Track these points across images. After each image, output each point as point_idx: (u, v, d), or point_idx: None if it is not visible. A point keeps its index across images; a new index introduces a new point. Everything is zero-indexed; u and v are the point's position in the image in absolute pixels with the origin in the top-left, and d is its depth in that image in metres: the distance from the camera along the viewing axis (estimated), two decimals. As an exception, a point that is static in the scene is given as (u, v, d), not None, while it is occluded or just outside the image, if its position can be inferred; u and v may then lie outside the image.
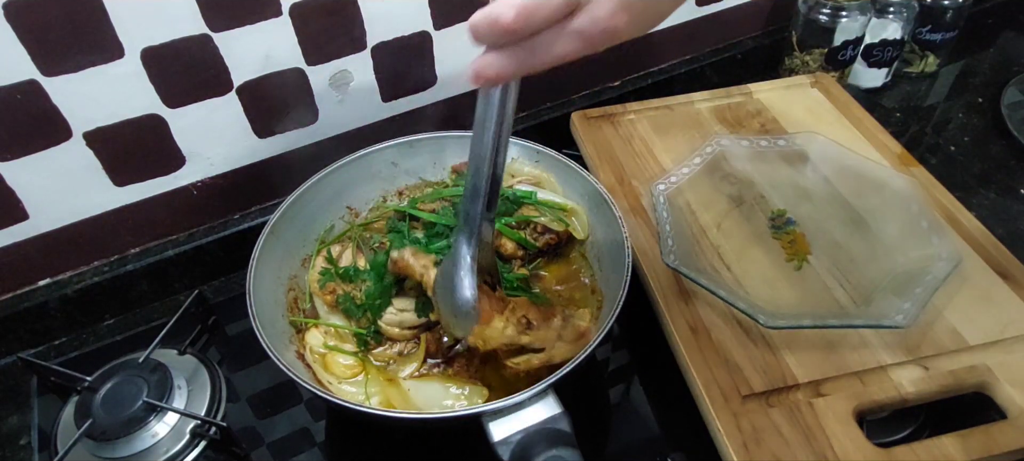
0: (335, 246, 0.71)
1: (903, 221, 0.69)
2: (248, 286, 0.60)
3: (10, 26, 0.58)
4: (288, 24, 0.68)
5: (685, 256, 0.66)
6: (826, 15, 0.90)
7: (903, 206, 0.70)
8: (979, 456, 0.53)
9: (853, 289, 0.65)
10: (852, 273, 0.67)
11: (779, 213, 0.73)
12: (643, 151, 0.81)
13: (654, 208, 0.71)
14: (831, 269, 0.67)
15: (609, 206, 0.65)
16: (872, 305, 0.63)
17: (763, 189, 0.76)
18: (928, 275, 0.63)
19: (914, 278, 0.63)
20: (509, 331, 0.55)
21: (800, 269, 0.68)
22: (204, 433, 0.63)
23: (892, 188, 0.72)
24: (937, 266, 0.64)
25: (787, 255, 0.69)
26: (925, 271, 0.64)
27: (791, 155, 0.79)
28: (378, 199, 0.77)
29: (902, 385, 0.57)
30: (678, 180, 0.74)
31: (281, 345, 0.60)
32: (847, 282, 0.66)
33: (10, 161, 0.64)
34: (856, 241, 0.70)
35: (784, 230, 0.71)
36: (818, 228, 0.71)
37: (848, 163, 0.76)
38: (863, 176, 0.74)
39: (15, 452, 0.65)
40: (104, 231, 0.73)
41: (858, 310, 0.63)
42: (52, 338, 0.75)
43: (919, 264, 0.65)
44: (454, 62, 0.81)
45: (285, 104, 0.74)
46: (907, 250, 0.67)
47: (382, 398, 0.61)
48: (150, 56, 0.64)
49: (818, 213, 0.73)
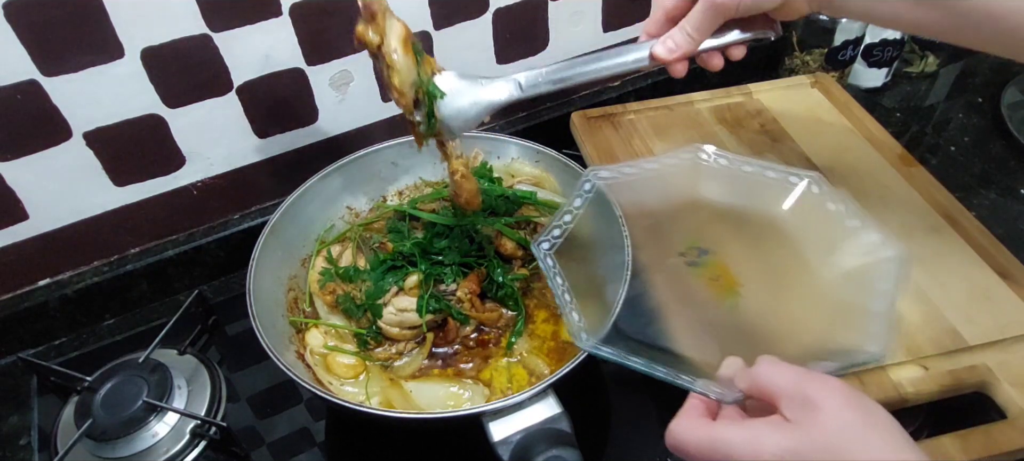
0: (335, 246, 0.71)
1: (824, 226, 0.61)
2: (248, 286, 0.60)
3: (10, 26, 0.58)
4: (288, 24, 0.68)
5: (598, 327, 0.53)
6: (826, 15, 0.90)
7: (818, 208, 0.62)
8: (979, 456, 0.53)
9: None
10: (787, 304, 0.58)
11: (690, 247, 0.63)
12: (643, 151, 0.81)
13: (544, 274, 0.58)
14: (769, 303, 0.59)
15: (611, 206, 0.65)
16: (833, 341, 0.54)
17: (660, 220, 0.65)
18: (877, 284, 0.55)
19: (862, 287, 0.56)
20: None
21: (735, 308, 0.58)
22: (204, 433, 0.63)
23: (797, 192, 0.64)
24: (884, 269, 0.56)
25: (715, 294, 0.60)
26: (871, 280, 0.56)
27: (677, 174, 0.68)
28: (378, 199, 0.77)
29: (902, 385, 0.57)
30: (563, 231, 0.60)
31: (281, 345, 0.60)
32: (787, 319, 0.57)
33: (10, 161, 0.64)
34: (783, 258, 0.61)
35: (700, 263, 0.62)
36: (739, 254, 0.62)
37: (744, 171, 0.66)
38: (762, 183, 0.65)
39: (15, 452, 0.65)
40: (104, 231, 0.73)
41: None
42: (52, 338, 0.75)
43: (860, 274, 0.57)
44: (454, 62, 0.80)
45: (285, 104, 0.74)
46: (841, 260, 0.59)
47: (383, 398, 0.61)
48: (150, 56, 0.64)
49: (732, 235, 0.63)
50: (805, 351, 0.51)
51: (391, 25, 0.53)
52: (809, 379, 0.39)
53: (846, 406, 0.37)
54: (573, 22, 0.85)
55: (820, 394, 0.37)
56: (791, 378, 0.39)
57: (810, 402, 0.37)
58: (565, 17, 0.84)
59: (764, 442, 0.37)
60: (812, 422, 0.37)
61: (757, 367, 0.41)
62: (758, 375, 0.40)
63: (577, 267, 0.58)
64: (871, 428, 0.37)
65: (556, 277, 0.56)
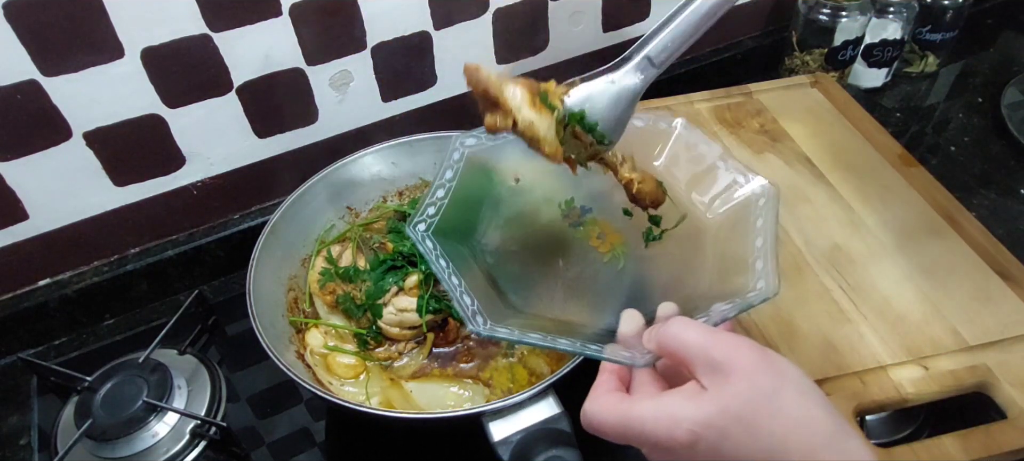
0: (335, 246, 0.71)
1: (697, 171, 0.59)
2: (248, 286, 0.60)
3: (10, 26, 0.58)
4: (288, 24, 0.68)
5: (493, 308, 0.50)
6: (826, 15, 0.90)
7: (690, 153, 0.60)
8: (979, 456, 0.53)
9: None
10: (675, 255, 0.57)
11: (570, 207, 0.61)
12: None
13: (424, 257, 0.53)
14: (657, 255, 0.57)
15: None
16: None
17: (535, 183, 0.61)
18: (754, 221, 0.53)
19: (742, 227, 0.54)
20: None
21: (624, 265, 0.57)
22: (204, 433, 0.63)
23: (669, 140, 0.60)
24: (757, 206, 0.54)
25: (602, 253, 0.58)
26: (747, 218, 0.54)
27: None
28: (378, 199, 0.77)
29: (902, 385, 0.57)
30: (438, 208, 0.55)
31: (281, 345, 0.60)
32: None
33: (10, 161, 0.64)
34: (664, 207, 0.58)
35: (583, 222, 0.59)
36: (619, 209, 0.59)
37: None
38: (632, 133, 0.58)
39: (15, 452, 0.65)
40: (104, 231, 0.73)
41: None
42: (52, 338, 0.75)
43: (737, 214, 0.56)
44: (454, 62, 0.81)
45: (285, 104, 0.74)
46: (717, 204, 0.57)
47: (383, 398, 0.61)
48: (150, 56, 0.64)
49: (610, 190, 0.59)
50: (701, 298, 0.51)
51: (512, 97, 0.49)
52: (717, 341, 0.37)
53: (756, 370, 0.36)
54: (573, 22, 0.85)
55: (730, 359, 0.36)
56: (700, 339, 0.38)
57: (720, 367, 0.36)
58: (565, 17, 0.84)
59: (678, 417, 0.36)
60: (723, 389, 0.36)
61: (666, 328, 0.39)
62: (666, 337, 0.39)
63: (456, 243, 0.55)
64: (781, 391, 0.36)
65: (439, 260, 0.51)
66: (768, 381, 0.36)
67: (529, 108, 0.49)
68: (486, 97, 0.49)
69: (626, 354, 0.42)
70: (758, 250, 0.51)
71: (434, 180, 0.55)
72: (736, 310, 0.45)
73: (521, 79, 0.50)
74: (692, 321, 0.40)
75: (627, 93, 0.51)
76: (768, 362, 0.37)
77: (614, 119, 0.51)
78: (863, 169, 0.77)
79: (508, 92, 0.49)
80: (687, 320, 0.40)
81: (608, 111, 0.51)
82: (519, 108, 0.49)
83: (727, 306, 0.46)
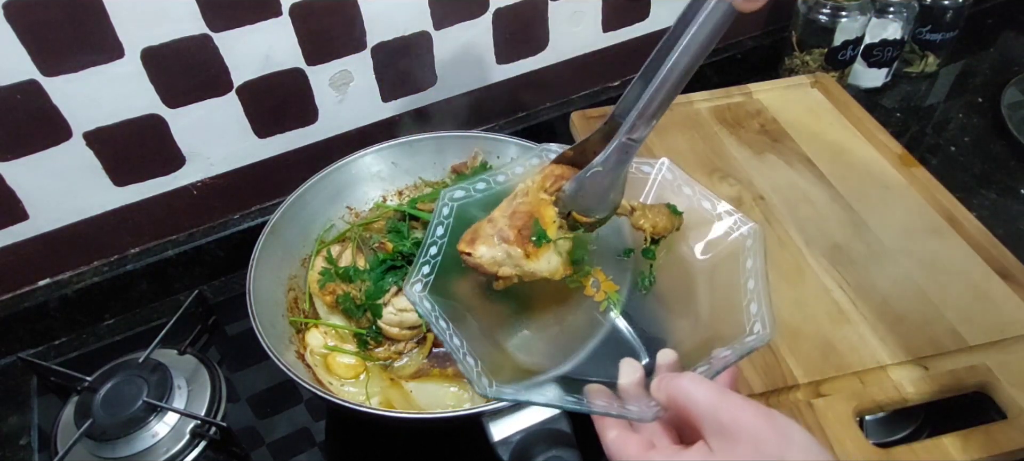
0: (335, 246, 0.71)
1: (685, 213, 0.58)
2: (248, 286, 0.60)
3: (10, 26, 0.58)
4: (288, 24, 0.68)
5: (496, 363, 0.51)
6: (826, 15, 0.90)
7: (677, 195, 0.59)
8: (979, 456, 0.53)
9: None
10: (669, 301, 0.56)
11: None
12: (642, 151, 0.80)
13: (424, 320, 0.52)
14: (651, 302, 0.56)
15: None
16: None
17: None
18: (745, 262, 0.53)
19: (733, 268, 0.54)
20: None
21: (618, 314, 0.56)
22: (204, 433, 0.63)
23: (654, 182, 0.60)
24: (745, 247, 0.54)
25: (596, 303, 0.57)
26: (737, 259, 0.54)
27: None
28: (378, 199, 0.77)
29: (902, 385, 0.57)
30: (433, 266, 0.54)
31: (281, 345, 0.60)
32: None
33: (10, 161, 0.64)
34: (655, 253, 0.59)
35: (577, 271, 0.57)
36: (609, 255, 0.59)
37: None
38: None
39: (15, 452, 0.65)
40: (104, 231, 0.73)
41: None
42: (52, 338, 0.75)
43: (727, 256, 0.55)
44: (454, 62, 0.81)
45: (285, 104, 0.74)
46: (706, 246, 0.57)
47: (383, 398, 0.61)
48: (150, 56, 0.64)
49: (600, 234, 0.59)
50: (699, 345, 0.51)
51: (508, 269, 0.52)
52: (724, 403, 0.38)
53: (761, 435, 0.37)
54: (573, 22, 0.85)
55: (736, 422, 0.37)
56: (708, 399, 0.39)
57: (726, 431, 0.37)
58: (565, 17, 0.84)
59: None
60: (729, 453, 0.37)
61: (676, 383, 0.41)
62: (676, 391, 0.40)
63: (454, 300, 0.54)
64: (786, 456, 0.36)
65: (439, 320, 0.50)
66: (774, 447, 0.36)
67: (528, 262, 0.52)
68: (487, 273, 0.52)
69: (635, 409, 0.43)
70: (751, 292, 0.51)
71: (425, 237, 0.55)
72: (737, 356, 0.46)
73: (508, 229, 0.52)
74: (701, 378, 0.41)
75: (616, 175, 0.52)
76: (774, 427, 0.37)
77: (609, 199, 0.53)
78: (863, 169, 0.77)
79: (503, 271, 0.52)
80: (696, 377, 0.41)
81: (602, 195, 0.53)
82: (517, 274, 0.52)
83: (728, 352, 0.47)
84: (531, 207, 0.54)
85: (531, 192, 0.55)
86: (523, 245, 0.52)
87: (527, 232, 0.52)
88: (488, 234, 0.53)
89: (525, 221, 0.53)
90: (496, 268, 0.52)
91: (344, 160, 0.72)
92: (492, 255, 0.52)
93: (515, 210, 0.54)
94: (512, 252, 0.52)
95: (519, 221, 0.53)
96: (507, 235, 0.52)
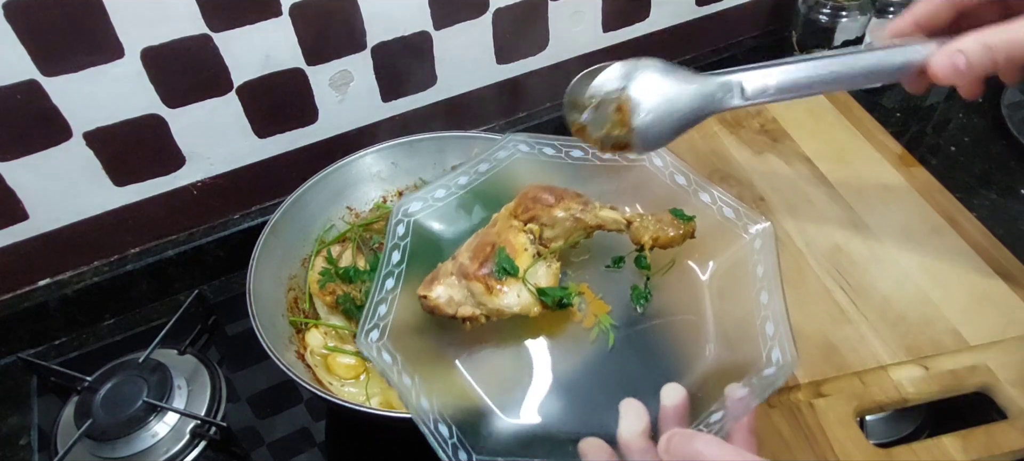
0: (335, 246, 0.71)
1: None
2: (248, 286, 0.60)
3: (10, 26, 0.58)
4: (288, 24, 0.68)
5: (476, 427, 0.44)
6: (826, 15, 0.90)
7: (667, 187, 0.52)
8: (979, 456, 0.53)
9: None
10: (669, 321, 0.49)
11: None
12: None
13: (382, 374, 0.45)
14: (648, 325, 0.48)
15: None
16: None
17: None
18: (755, 269, 0.46)
19: (742, 279, 0.46)
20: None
21: (611, 340, 0.48)
22: (204, 433, 0.63)
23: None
24: (755, 251, 0.46)
25: (585, 328, 0.49)
26: (746, 267, 0.47)
27: (501, 180, 0.54)
28: (378, 199, 0.77)
29: (902, 385, 0.57)
30: (390, 304, 0.46)
31: (281, 345, 0.60)
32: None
33: (10, 161, 0.64)
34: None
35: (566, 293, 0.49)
36: (596, 268, 0.51)
37: (573, 160, 0.53)
38: (590, 170, 0.51)
39: (15, 452, 0.65)
40: (104, 231, 0.73)
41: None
42: (52, 338, 0.75)
43: (734, 263, 0.48)
44: (454, 62, 0.81)
45: (285, 104, 0.74)
46: (708, 252, 0.49)
47: (383, 398, 0.61)
48: (150, 56, 0.64)
49: (582, 246, 0.52)
50: (710, 379, 0.43)
51: (472, 311, 0.46)
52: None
53: None
54: (573, 22, 0.85)
55: None
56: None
57: None
58: (565, 17, 0.84)
59: None
60: None
61: (686, 447, 0.36)
62: (686, 455, 0.36)
63: (418, 341, 0.45)
64: None
65: (402, 377, 0.41)
66: None
67: (491, 299, 0.45)
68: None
69: None
70: (764, 307, 0.44)
71: (380, 266, 0.46)
72: (756, 397, 0.40)
73: (470, 263, 0.44)
74: (717, 442, 0.36)
75: (696, 102, 0.43)
76: None
77: (662, 129, 0.43)
78: (863, 169, 0.77)
79: (462, 311, 0.45)
80: (712, 440, 0.36)
81: (662, 114, 0.43)
82: (482, 314, 0.45)
83: (745, 392, 0.40)
84: (497, 237, 0.47)
85: (500, 220, 0.48)
86: (485, 280, 0.45)
87: (490, 265, 0.45)
88: (448, 271, 0.46)
89: (488, 253, 0.46)
90: (454, 309, 0.45)
91: (344, 160, 0.72)
92: (449, 294, 0.45)
93: (480, 242, 0.47)
94: (473, 288, 0.45)
95: (482, 253, 0.46)
96: (467, 270, 0.45)
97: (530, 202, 0.47)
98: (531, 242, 0.47)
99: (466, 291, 0.45)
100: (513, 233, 0.47)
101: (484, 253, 0.45)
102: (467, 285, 0.45)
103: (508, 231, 0.47)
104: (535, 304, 0.46)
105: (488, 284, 0.45)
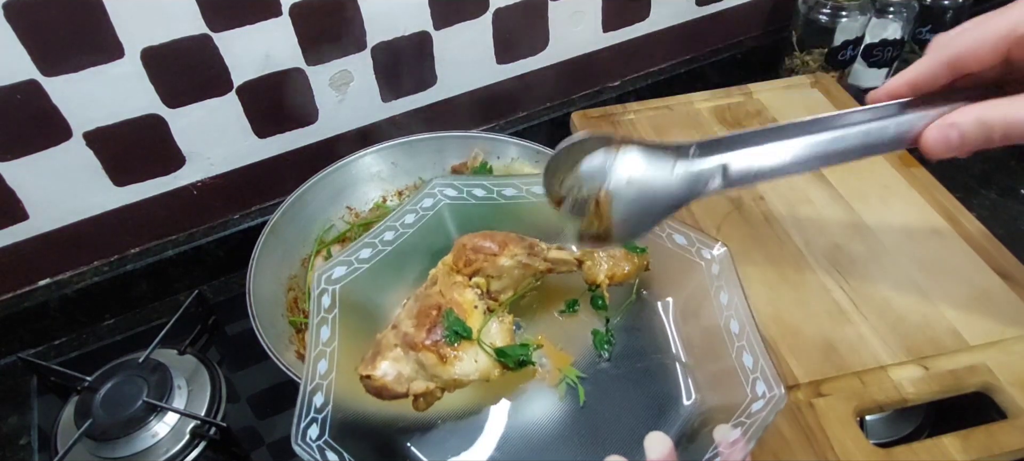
0: (335, 246, 0.71)
1: None
2: (248, 286, 0.60)
3: (10, 26, 0.58)
4: (288, 24, 0.68)
5: None
6: (826, 15, 0.90)
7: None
8: (979, 456, 0.53)
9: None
10: (639, 368, 0.46)
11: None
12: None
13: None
14: (617, 374, 0.45)
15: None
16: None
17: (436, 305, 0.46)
18: (720, 298, 0.43)
19: (709, 309, 0.43)
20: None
21: (578, 395, 0.45)
22: (204, 433, 0.63)
23: None
24: (717, 277, 0.43)
25: (548, 384, 0.46)
26: (712, 296, 0.44)
27: (431, 232, 0.50)
28: (378, 199, 0.77)
29: (902, 385, 0.57)
30: (327, 393, 0.40)
31: (281, 345, 0.60)
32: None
33: (10, 161, 0.64)
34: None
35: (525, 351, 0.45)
36: (553, 316, 0.47)
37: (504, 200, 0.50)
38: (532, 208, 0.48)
39: (15, 452, 0.65)
40: (104, 231, 0.73)
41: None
42: (52, 338, 0.75)
43: (697, 294, 0.45)
44: (454, 62, 0.81)
45: (285, 104, 0.74)
46: (670, 285, 0.46)
47: (382, 398, 0.61)
48: (150, 56, 0.64)
49: (536, 293, 0.49)
50: (694, 423, 0.41)
51: (418, 387, 0.40)
52: None
53: None
54: (573, 22, 0.85)
55: None
56: None
57: None
58: (565, 17, 0.84)
59: None
60: None
61: None
62: None
63: (365, 428, 0.40)
64: None
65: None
66: None
67: (445, 368, 0.40)
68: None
69: None
70: (737, 337, 0.41)
71: (309, 348, 0.40)
72: (750, 436, 0.37)
73: (415, 332, 0.40)
74: None
75: (677, 191, 0.39)
76: None
77: (641, 220, 0.40)
78: (863, 169, 0.77)
79: (415, 387, 0.40)
80: None
81: (642, 207, 0.40)
82: (438, 386, 0.41)
83: (737, 434, 0.38)
84: (441, 296, 0.42)
85: (440, 276, 0.43)
86: (436, 348, 0.40)
87: (439, 330, 0.40)
88: (391, 343, 0.41)
89: (435, 316, 0.41)
90: (405, 386, 0.40)
91: (344, 160, 0.72)
92: (397, 370, 0.40)
93: (421, 306, 0.41)
94: (424, 359, 0.40)
95: (427, 318, 0.41)
96: (413, 339, 0.40)
97: (471, 253, 0.43)
98: (479, 297, 0.42)
99: (415, 364, 0.40)
100: (458, 290, 0.42)
101: (430, 317, 0.41)
102: (416, 357, 0.40)
103: (452, 288, 0.42)
104: (495, 367, 0.42)
105: (440, 352, 0.40)
